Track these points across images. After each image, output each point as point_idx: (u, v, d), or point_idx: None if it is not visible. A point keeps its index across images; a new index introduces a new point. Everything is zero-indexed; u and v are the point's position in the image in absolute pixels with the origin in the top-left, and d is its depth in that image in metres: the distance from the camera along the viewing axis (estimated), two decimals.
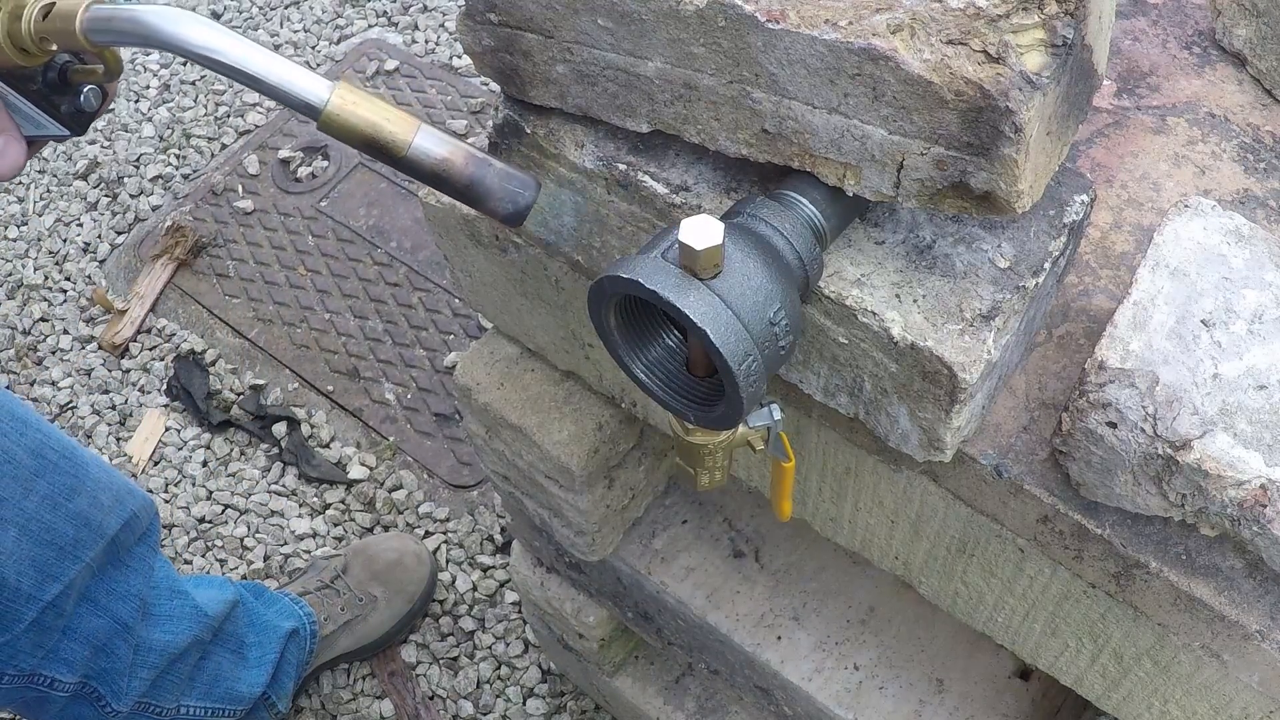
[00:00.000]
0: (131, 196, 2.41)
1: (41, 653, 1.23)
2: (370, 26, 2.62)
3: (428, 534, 1.92)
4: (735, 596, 1.18)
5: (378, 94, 0.58)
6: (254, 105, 2.52)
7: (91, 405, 2.12)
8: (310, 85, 0.58)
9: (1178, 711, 0.79)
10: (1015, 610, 0.84)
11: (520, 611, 1.83)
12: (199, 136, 2.49)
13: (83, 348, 2.21)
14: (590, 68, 0.69)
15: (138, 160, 2.47)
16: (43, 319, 2.26)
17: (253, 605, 1.61)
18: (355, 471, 1.99)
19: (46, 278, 2.31)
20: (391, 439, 2.02)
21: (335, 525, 1.95)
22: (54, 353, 2.21)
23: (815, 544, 1.19)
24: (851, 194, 0.65)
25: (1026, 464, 0.71)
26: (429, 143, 0.59)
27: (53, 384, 2.16)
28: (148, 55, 2.65)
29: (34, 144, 0.73)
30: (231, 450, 2.05)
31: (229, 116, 2.51)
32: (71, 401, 2.14)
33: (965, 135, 0.58)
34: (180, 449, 2.06)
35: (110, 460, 2.06)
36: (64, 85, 0.70)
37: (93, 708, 1.33)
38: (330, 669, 1.80)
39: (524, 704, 1.76)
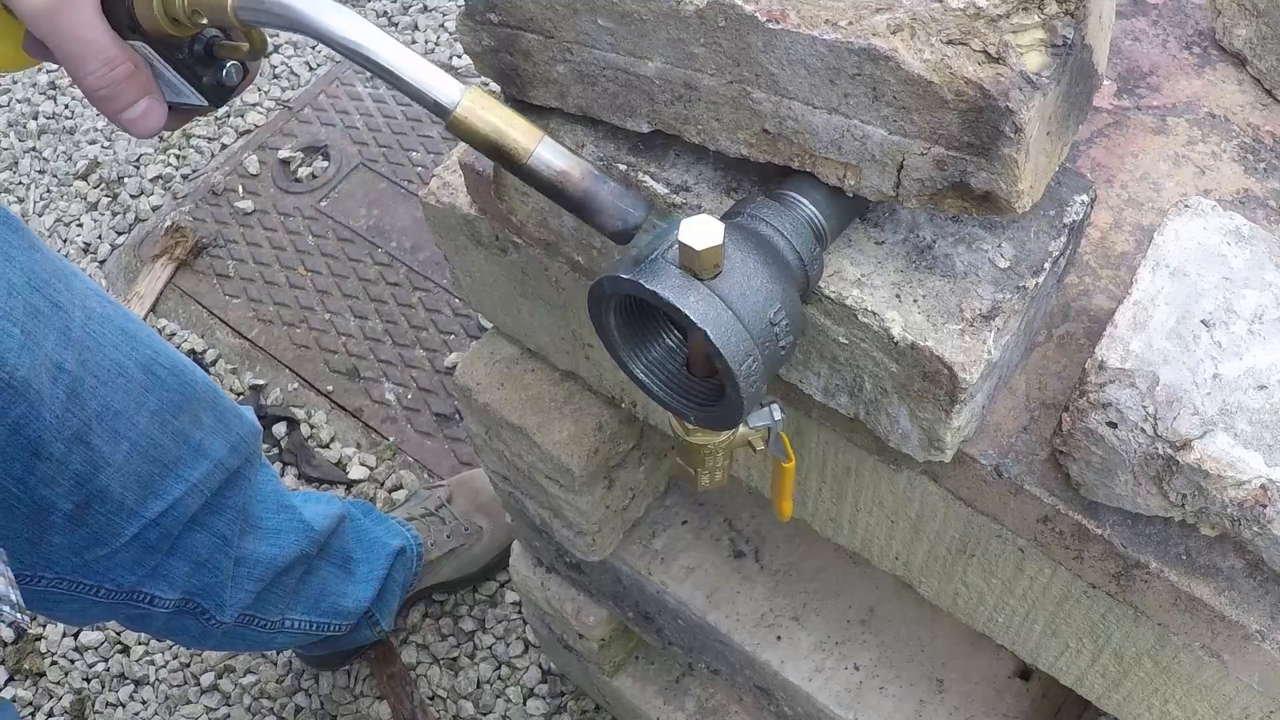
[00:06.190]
0: (132, 196, 2.41)
1: (143, 570, 1.21)
2: None
3: None
4: (735, 596, 1.18)
5: (504, 104, 0.61)
6: (254, 106, 2.52)
7: None
8: (443, 87, 0.61)
9: (1178, 711, 0.79)
10: (1015, 610, 0.84)
11: (520, 611, 1.83)
12: (199, 136, 2.49)
13: None
14: (590, 68, 0.69)
15: (138, 160, 2.47)
16: None
17: (361, 522, 1.60)
18: (355, 471, 1.99)
19: None
20: (391, 439, 2.02)
21: None
22: None
23: (815, 544, 1.19)
24: (851, 194, 0.65)
25: (1026, 464, 0.71)
26: (550, 154, 0.61)
27: None
28: None
29: (174, 111, 0.75)
30: None
31: (229, 117, 2.51)
32: None
33: (965, 135, 0.58)
34: None
35: None
36: (208, 58, 0.73)
37: (196, 620, 1.32)
38: (401, 624, 1.74)
39: (524, 704, 1.76)
